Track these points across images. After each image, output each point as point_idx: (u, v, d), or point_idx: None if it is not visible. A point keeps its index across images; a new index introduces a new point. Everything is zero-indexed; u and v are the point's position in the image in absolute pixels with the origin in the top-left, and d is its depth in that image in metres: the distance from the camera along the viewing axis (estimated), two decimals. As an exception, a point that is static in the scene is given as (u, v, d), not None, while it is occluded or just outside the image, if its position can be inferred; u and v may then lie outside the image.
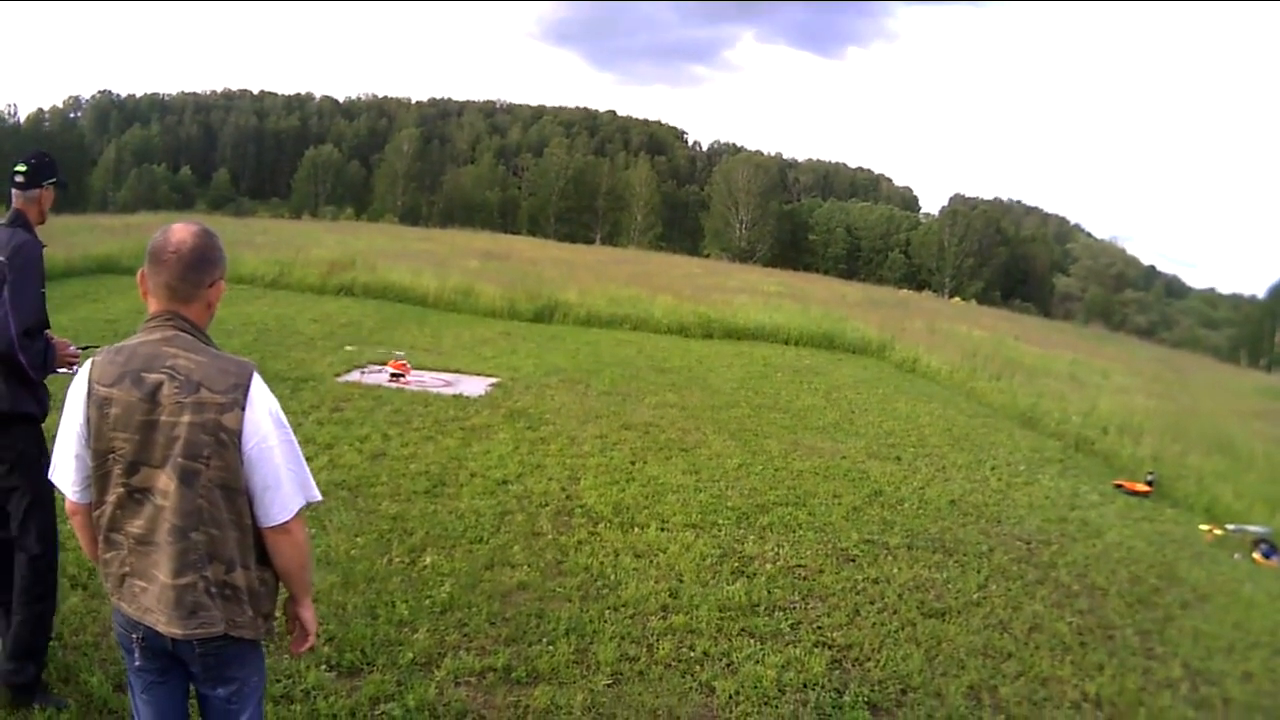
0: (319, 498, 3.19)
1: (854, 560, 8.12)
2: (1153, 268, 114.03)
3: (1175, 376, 32.07)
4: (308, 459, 3.22)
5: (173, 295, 3.03)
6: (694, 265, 54.77)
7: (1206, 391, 28.81)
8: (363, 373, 13.37)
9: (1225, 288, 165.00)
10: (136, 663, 3.13)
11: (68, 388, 3.07)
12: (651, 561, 7.39)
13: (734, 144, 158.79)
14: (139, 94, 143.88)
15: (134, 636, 3.08)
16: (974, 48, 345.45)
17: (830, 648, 6.35)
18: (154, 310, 3.06)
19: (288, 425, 3.08)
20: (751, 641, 6.26)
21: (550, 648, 5.79)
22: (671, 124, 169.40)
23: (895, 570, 7.96)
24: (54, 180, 5.02)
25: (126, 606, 3.05)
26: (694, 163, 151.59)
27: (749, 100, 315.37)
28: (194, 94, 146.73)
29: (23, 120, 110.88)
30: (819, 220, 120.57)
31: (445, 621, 6.00)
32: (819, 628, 6.64)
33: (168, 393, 2.90)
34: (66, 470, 3.07)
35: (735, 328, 23.87)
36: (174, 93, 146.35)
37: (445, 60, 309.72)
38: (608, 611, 6.41)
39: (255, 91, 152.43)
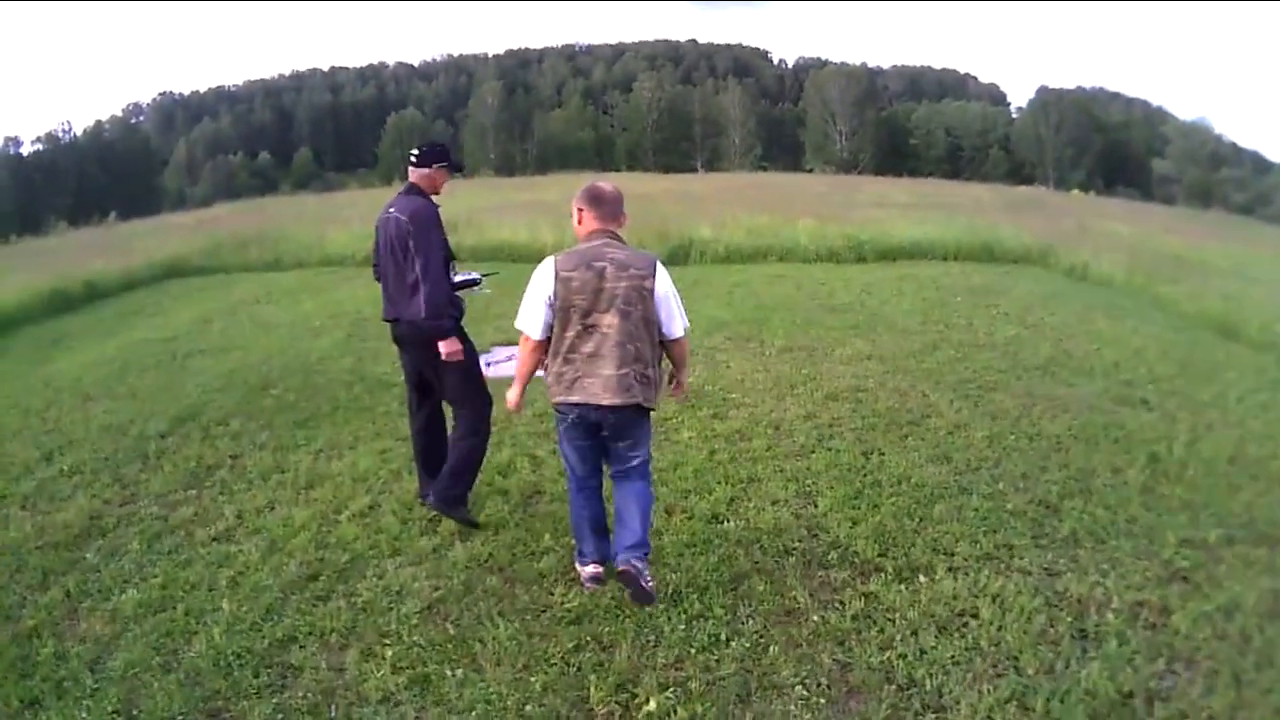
0: (687, 326, 5.14)
1: (1187, 580, 5.62)
2: (1235, 145, 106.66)
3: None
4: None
5: (609, 219, 5.06)
6: (814, 182, 51.29)
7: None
8: (489, 363, 10.32)
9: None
10: (572, 428, 5.07)
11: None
12: (966, 638, 4.90)
13: (819, 58, 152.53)
14: (203, 90, 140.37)
15: (571, 416, 5.00)
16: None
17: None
18: (594, 229, 5.03)
19: (674, 287, 5.04)
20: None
21: None
22: (754, 45, 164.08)
23: (1241, 589, 5.46)
24: (444, 164, 6.19)
25: (575, 397, 4.91)
26: (782, 80, 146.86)
27: (826, 13, 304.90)
28: (262, 80, 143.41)
29: (79, 134, 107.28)
30: (917, 124, 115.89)
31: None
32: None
33: (610, 271, 4.83)
34: (535, 319, 4.97)
35: (889, 247, 20.94)
36: (240, 83, 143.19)
37: (518, 9, 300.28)
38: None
39: (326, 69, 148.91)
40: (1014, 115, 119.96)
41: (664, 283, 4.95)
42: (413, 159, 6.12)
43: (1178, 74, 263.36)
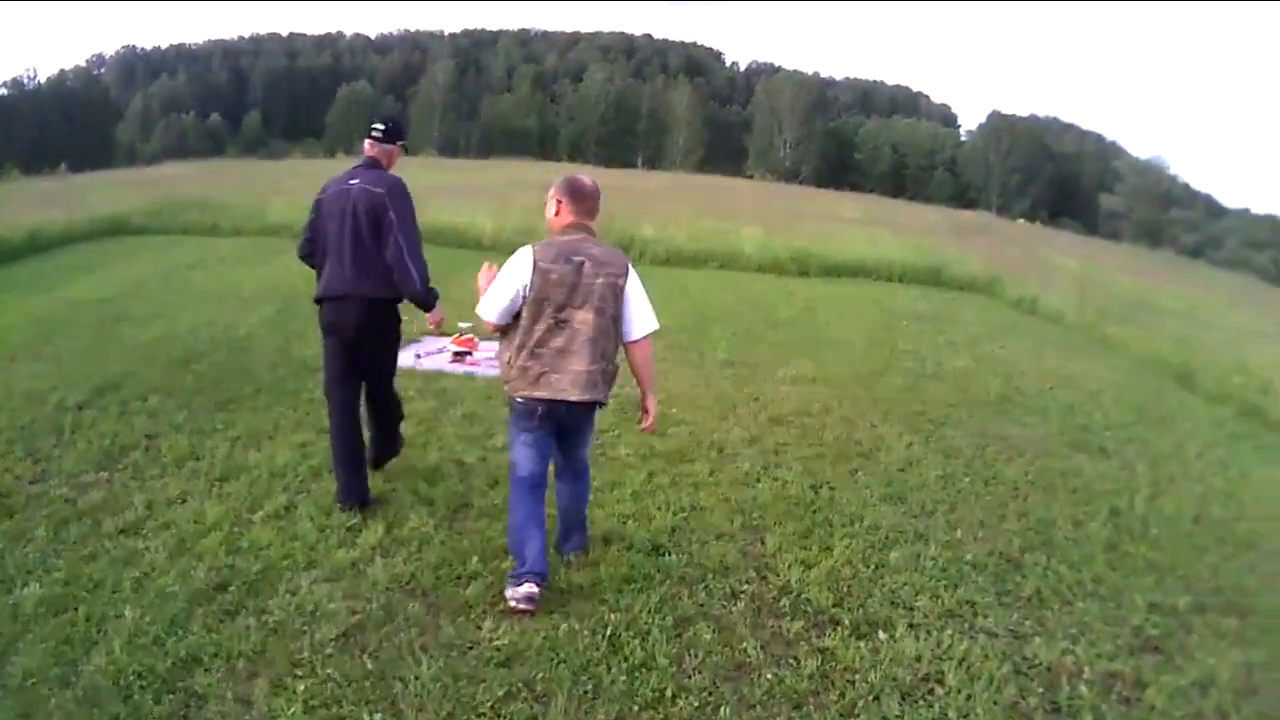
0: (657, 325, 5.26)
1: (1159, 650, 5.34)
2: (1188, 186, 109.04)
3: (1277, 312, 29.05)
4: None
5: (586, 214, 5.17)
6: (759, 189, 51.05)
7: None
8: (419, 354, 10.14)
9: (1259, 208, 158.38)
10: (535, 424, 5.03)
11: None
12: (933, 708, 4.49)
13: (772, 63, 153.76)
14: (164, 45, 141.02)
15: (537, 410, 4.98)
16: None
17: None
18: (571, 223, 5.13)
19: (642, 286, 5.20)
20: None
21: None
22: (709, 45, 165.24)
23: (1215, 663, 5.21)
24: (404, 143, 6.38)
25: (540, 392, 4.92)
26: (733, 83, 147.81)
27: (784, 18, 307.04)
28: (221, 40, 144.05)
29: (42, 82, 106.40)
30: (864, 138, 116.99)
31: None
32: None
33: (588, 267, 4.93)
34: (499, 307, 5.00)
35: (835, 264, 20.88)
36: (200, 41, 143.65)
37: None
38: None
39: (284, 34, 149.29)
40: (963, 138, 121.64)
41: (635, 282, 5.12)
42: (376, 134, 6.15)
43: (1135, 111, 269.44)
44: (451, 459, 7.13)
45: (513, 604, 4.93)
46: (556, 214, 5.16)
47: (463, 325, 10.23)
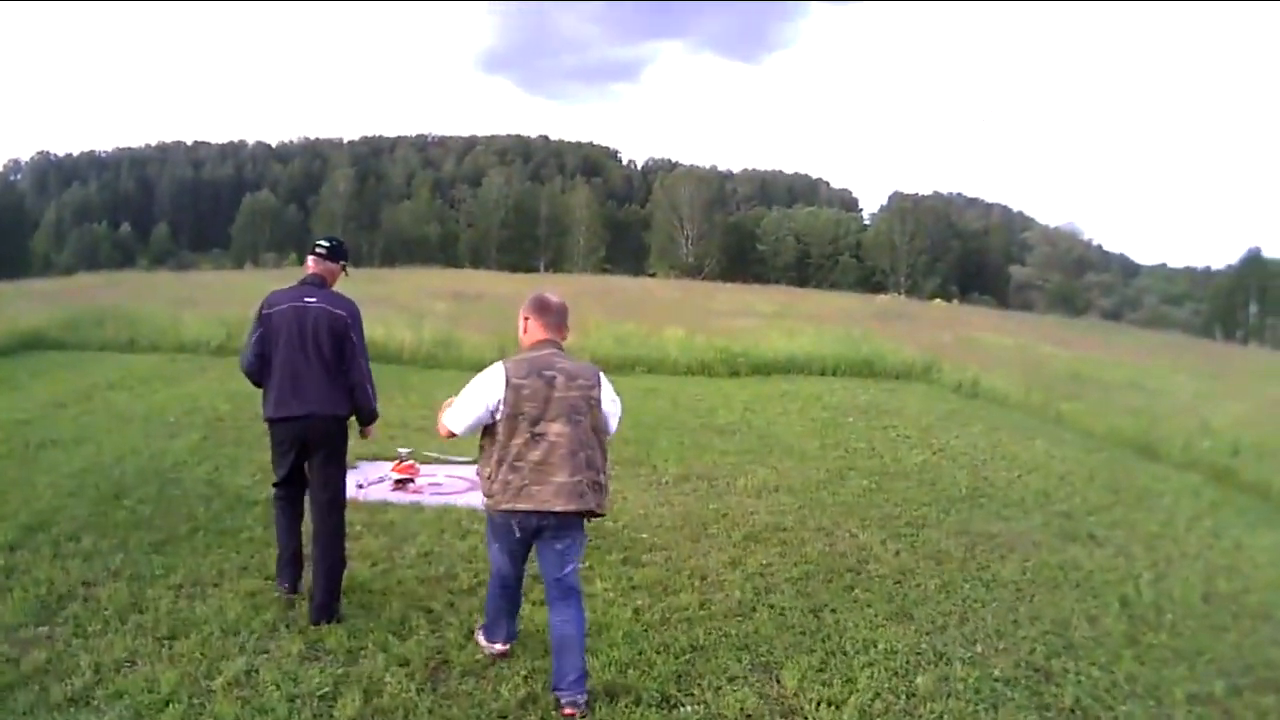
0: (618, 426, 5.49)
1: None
2: (1101, 248, 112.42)
3: (1216, 367, 29.60)
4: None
5: (555, 330, 5.33)
6: (665, 287, 51.03)
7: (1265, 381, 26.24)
8: (360, 484, 9.43)
9: (1175, 262, 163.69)
10: (515, 535, 5.16)
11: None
12: None
13: (669, 159, 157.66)
14: (76, 152, 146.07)
15: (514, 522, 5.10)
16: (896, 43, 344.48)
17: None
18: (541, 339, 5.28)
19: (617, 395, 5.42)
20: None
21: None
22: (604, 144, 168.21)
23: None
24: (346, 264, 6.61)
25: (523, 505, 5.00)
26: (630, 181, 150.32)
27: (678, 114, 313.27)
28: (129, 148, 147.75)
29: None
30: (766, 229, 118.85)
31: None
32: None
33: (560, 381, 5.05)
34: (466, 421, 5.18)
35: (764, 361, 20.82)
36: (110, 149, 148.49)
37: (375, 95, 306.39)
38: None
39: (189, 142, 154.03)
40: (866, 221, 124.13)
41: (609, 392, 5.33)
42: (321, 251, 6.40)
43: (1039, 179, 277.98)
44: (418, 606, 6.54)
45: (485, 651, 5.76)
46: (525, 331, 5.36)
47: (402, 451, 10.00)
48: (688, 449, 12.21)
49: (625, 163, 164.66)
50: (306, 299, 6.09)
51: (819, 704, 5.38)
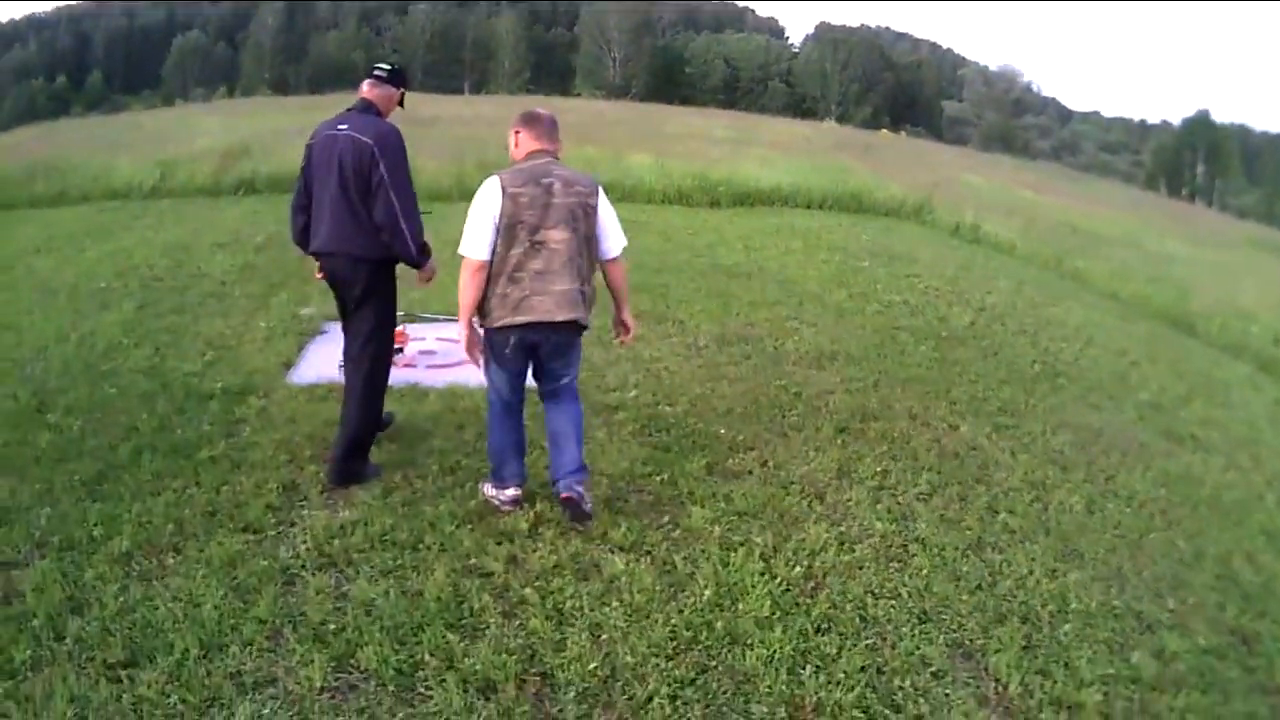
0: (626, 242, 5.24)
1: None
2: (1038, 92, 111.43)
3: (1185, 229, 28.84)
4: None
5: (547, 139, 5.10)
6: (603, 108, 47.71)
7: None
8: (342, 362, 6.46)
9: (1108, 110, 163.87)
10: (507, 353, 5.01)
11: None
12: None
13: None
14: (18, 17, 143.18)
15: (511, 339, 4.95)
16: None
17: None
18: (534, 149, 5.05)
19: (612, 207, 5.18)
20: None
21: None
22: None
23: None
24: (404, 90, 5.89)
25: (522, 317, 4.85)
26: (556, 9, 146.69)
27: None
28: (68, 6, 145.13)
29: None
30: (695, 53, 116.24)
31: None
32: None
33: (558, 187, 4.88)
34: (481, 241, 4.87)
35: (745, 191, 19.23)
36: (50, 10, 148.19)
37: None
38: None
39: None
40: (795, 50, 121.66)
41: (605, 201, 5.15)
42: (380, 73, 5.75)
43: (967, 19, 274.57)
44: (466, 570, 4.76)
45: (495, 503, 5.31)
46: (516, 145, 5.18)
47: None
48: (709, 300, 10.66)
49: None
50: (339, 126, 5.46)
51: (1044, 705, 4.03)
